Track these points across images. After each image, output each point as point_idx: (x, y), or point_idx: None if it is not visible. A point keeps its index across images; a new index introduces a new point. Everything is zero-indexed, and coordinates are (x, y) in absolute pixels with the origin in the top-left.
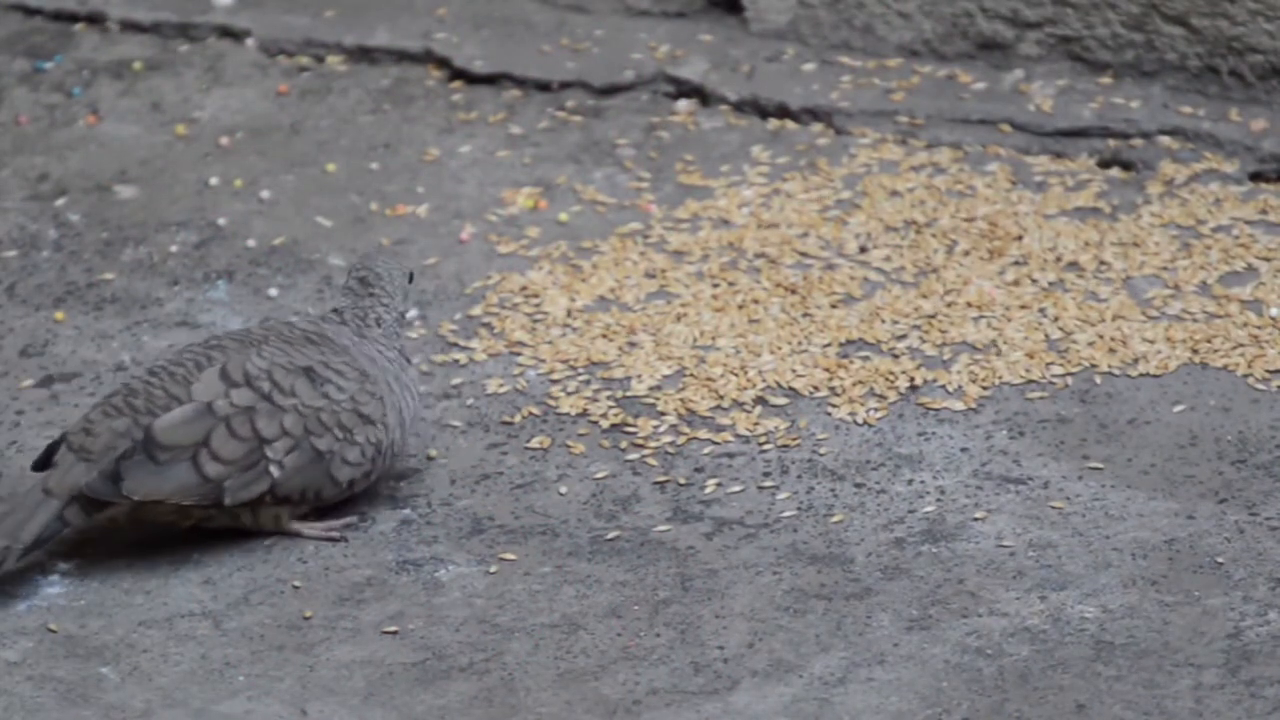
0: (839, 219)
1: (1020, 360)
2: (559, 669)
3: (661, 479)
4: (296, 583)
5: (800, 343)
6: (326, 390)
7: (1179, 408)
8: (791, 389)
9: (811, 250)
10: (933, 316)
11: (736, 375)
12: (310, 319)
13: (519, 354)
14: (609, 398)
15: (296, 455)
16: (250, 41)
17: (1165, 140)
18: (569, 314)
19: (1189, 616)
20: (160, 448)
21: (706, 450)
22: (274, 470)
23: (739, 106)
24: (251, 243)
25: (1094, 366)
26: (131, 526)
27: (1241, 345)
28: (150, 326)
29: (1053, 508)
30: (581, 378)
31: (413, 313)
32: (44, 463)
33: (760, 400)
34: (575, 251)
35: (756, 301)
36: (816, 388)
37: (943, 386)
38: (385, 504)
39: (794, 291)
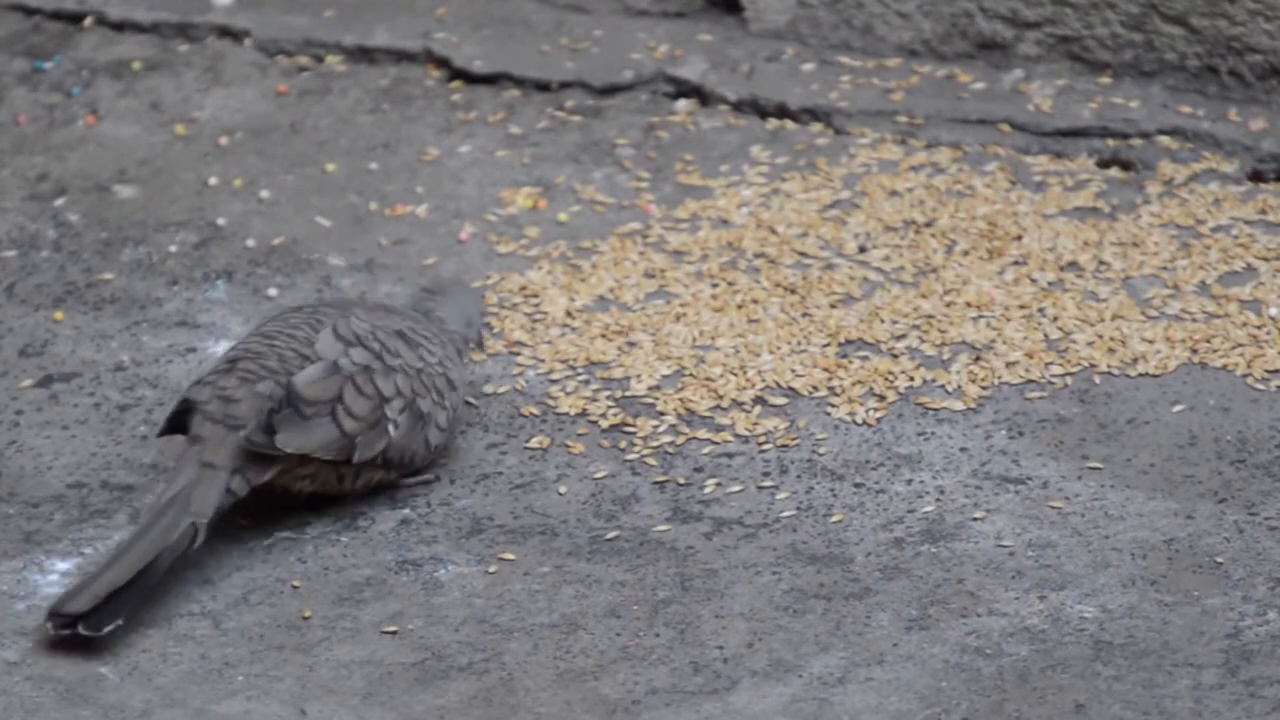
0: (838, 219)
1: (1019, 360)
2: (558, 669)
3: (661, 479)
4: (296, 583)
5: (799, 343)
6: (421, 354)
7: (1178, 407)
8: (791, 389)
9: (811, 250)
10: (932, 316)
11: (736, 375)
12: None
13: (518, 354)
14: (608, 398)
15: (407, 416)
16: (249, 41)
17: (1164, 140)
18: (568, 314)
19: (1188, 616)
20: (305, 402)
21: (706, 450)
22: (391, 429)
23: (738, 106)
24: (251, 243)
25: (1093, 366)
26: (257, 502)
27: (1241, 345)
28: (149, 326)
29: (1052, 507)
30: (581, 378)
31: None
32: (169, 431)
33: (759, 400)
34: (574, 251)
35: (756, 301)
36: (816, 388)
37: (942, 386)
38: (384, 503)
39: (793, 291)
